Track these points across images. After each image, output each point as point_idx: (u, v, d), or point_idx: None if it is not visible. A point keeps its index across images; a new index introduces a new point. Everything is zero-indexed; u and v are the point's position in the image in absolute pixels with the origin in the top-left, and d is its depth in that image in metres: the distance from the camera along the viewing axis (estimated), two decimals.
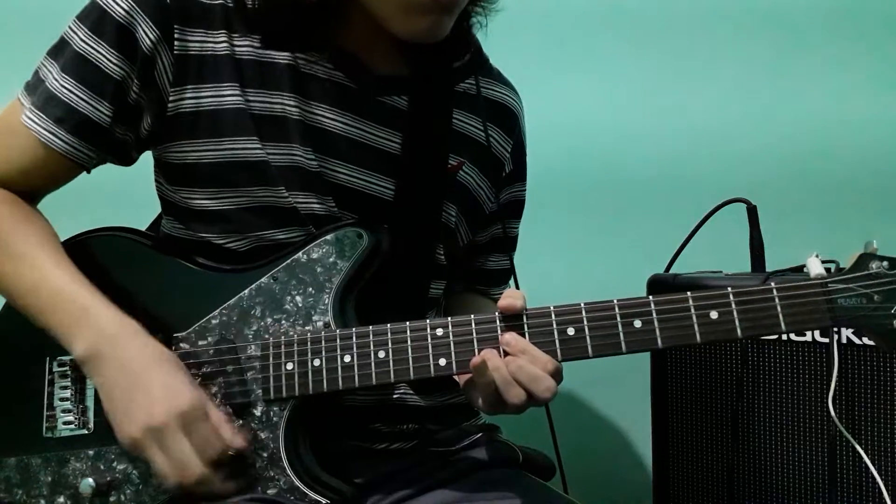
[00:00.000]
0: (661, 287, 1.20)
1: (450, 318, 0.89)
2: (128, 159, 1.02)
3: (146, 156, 1.03)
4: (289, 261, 0.95)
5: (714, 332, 0.84)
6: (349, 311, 0.93)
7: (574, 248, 1.63)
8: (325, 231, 0.95)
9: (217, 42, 0.96)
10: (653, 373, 1.25)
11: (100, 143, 0.97)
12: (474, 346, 0.87)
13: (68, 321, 0.90)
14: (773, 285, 0.84)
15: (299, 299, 0.93)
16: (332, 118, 0.99)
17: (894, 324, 0.82)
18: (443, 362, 0.88)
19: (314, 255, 0.94)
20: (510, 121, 1.14)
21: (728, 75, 1.58)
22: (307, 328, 0.92)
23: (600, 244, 1.62)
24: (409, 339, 0.89)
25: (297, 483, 0.89)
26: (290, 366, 0.91)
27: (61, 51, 0.96)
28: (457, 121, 1.07)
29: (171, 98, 0.96)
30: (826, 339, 1.09)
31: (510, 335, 0.86)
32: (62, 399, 0.96)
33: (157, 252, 1.00)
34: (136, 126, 0.98)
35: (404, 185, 1.02)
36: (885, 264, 0.82)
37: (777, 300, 0.83)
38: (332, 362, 0.90)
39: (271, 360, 0.91)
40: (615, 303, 0.86)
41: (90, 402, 0.96)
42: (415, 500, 0.96)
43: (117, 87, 0.95)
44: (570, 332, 0.86)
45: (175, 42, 0.95)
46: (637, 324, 0.85)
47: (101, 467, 0.94)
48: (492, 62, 1.15)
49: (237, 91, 0.96)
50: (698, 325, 0.84)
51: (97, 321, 0.89)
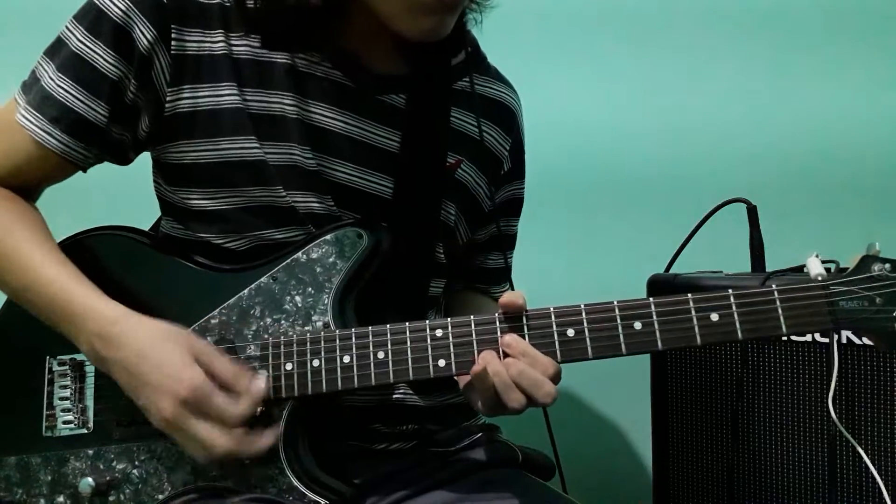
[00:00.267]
0: (661, 287, 1.20)
1: (449, 319, 0.88)
2: (125, 159, 1.02)
3: (145, 156, 1.03)
4: (288, 261, 0.94)
5: (714, 334, 0.84)
6: (349, 311, 0.93)
7: (574, 248, 1.63)
8: (325, 231, 0.95)
9: (214, 42, 0.96)
10: (653, 373, 1.24)
11: (95, 143, 0.97)
12: (474, 347, 0.87)
13: (68, 319, 0.90)
14: (774, 287, 0.83)
15: (299, 299, 0.93)
16: (331, 117, 0.99)
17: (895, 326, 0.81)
18: (442, 363, 0.87)
19: (314, 255, 0.94)
20: (508, 119, 1.14)
21: (728, 75, 1.57)
22: (306, 328, 0.92)
23: (600, 244, 1.62)
24: (408, 339, 0.88)
25: (296, 483, 0.89)
26: (289, 366, 0.90)
27: (58, 50, 0.96)
28: (455, 119, 1.07)
29: (168, 98, 0.95)
30: (826, 340, 1.09)
31: (510, 336, 0.86)
32: (62, 398, 0.96)
33: (156, 251, 1.00)
34: (134, 126, 0.98)
35: (403, 184, 1.02)
36: (888, 267, 0.82)
37: (778, 302, 0.83)
38: (332, 363, 0.89)
39: (270, 360, 0.91)
40: (615, 304, 0.85)
41: (90, 402, 0.96)
42: (414, 500, 0.96)
43: (114, 88, 0.95)
44: (570, 333, 0.86)
45: (172, 42, 0.94)
46: (637, 325, 0.85)
47: (101, 467, 0.94)
48: (490, 61, 1.15)
49: (235, 91, 0.96)
50: (699, 327, 0.84)
51: (86, 320, 0.89)
